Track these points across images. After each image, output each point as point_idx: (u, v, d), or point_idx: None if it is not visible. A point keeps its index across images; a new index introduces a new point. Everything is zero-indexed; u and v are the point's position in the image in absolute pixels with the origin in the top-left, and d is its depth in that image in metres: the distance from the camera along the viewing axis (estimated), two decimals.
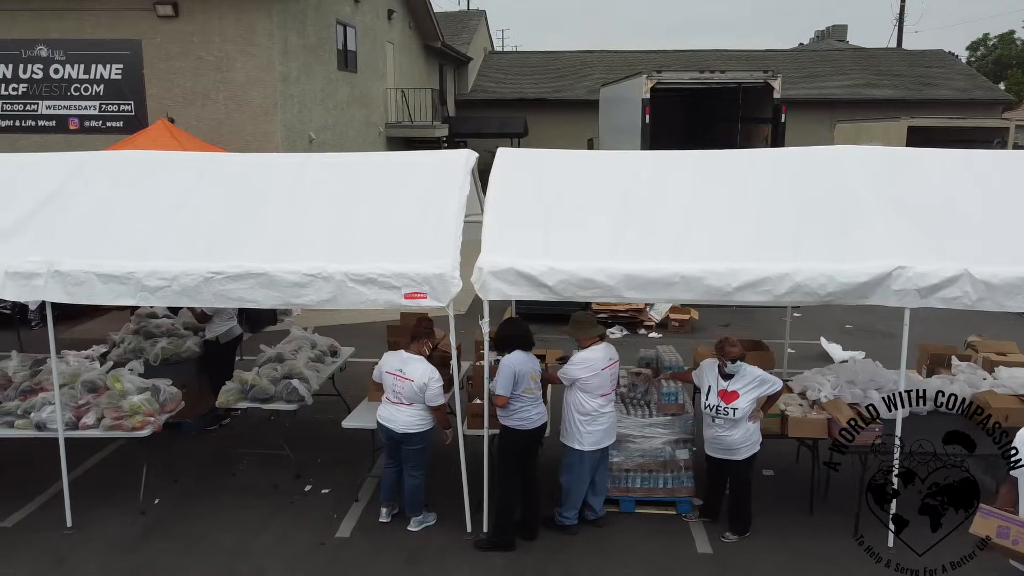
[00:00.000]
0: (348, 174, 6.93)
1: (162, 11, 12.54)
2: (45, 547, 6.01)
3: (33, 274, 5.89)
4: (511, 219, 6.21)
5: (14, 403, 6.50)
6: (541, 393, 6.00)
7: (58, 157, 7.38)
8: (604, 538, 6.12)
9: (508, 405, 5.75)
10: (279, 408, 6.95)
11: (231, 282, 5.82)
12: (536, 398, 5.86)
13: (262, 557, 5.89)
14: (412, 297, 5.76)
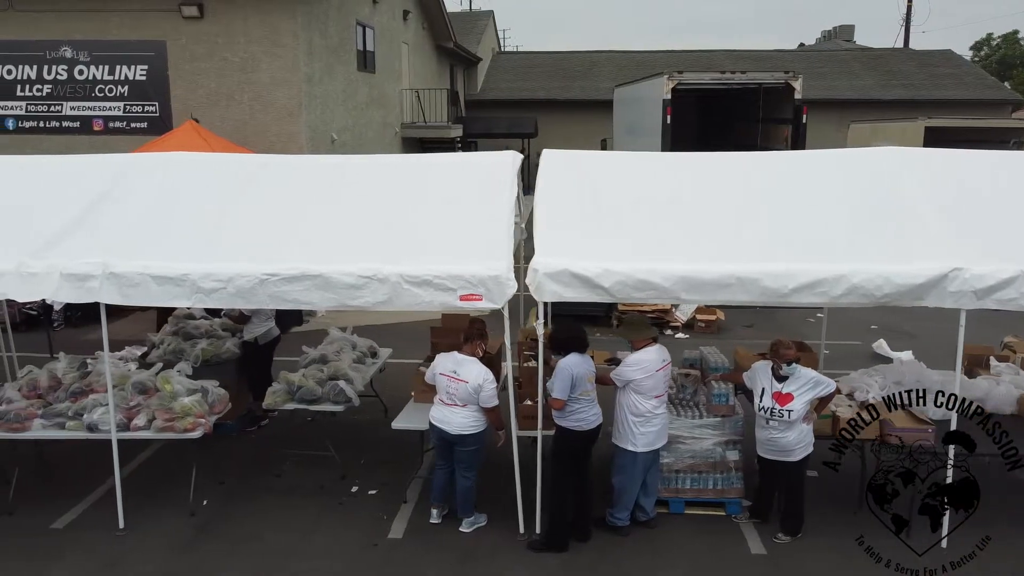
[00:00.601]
0: (394, 175, 6.95)
1: (187, 12, 12.55)
2: (98, 548, 6.03)
3: (88, 276, 5.90)
4: (560, 220, 6.23)
5: (64, 405, 6.50)
6: (595, 394, 6.01)
7: (103, 159, 7.40)
8: (656, 539, 6.13)
9: (565, 407, 5.75)
10: (326, 409, 6.96)
11: (286, 284, 5.83)
12: (592, 400, 5.87)
13: (316, 558, 5.90)
14: (467, 299, 5.77)
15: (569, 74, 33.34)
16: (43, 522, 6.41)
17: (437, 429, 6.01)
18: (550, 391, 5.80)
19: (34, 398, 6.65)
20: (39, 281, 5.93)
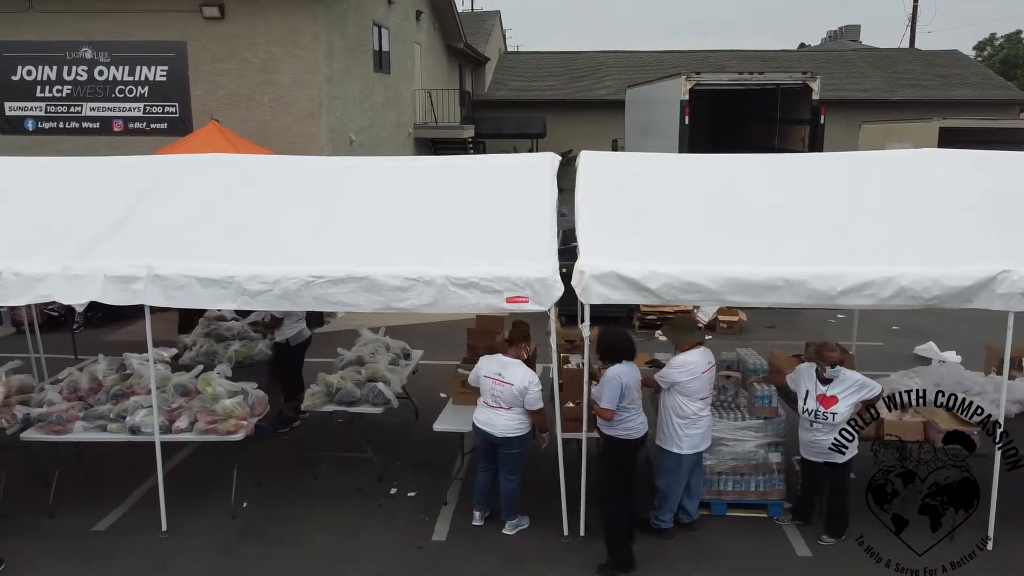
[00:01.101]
0: (432, 177, 6.95)
1: (208, 13, 12.54)
2: (143, 550, 6.02)
3: (133, 278, 5.89)
4: (602, 222, 6.23)
5: (105, 407, 6.49)
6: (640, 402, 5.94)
7: (140, 160, 7.40)
8: (700, 541, 6.13)
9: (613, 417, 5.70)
10: (365, 412, 6.96)
11: (332, 286, 5.82)
12: (639, 408, 5.81)
13: (362, 560, 5.90)
14: (514, 301, 5.76)
15: (576, 74, 33.33)
16: (85, 524, 6.41)
17: (481, 432, 6.01)
18: (596, 400, 5.74)
19: (75, 400, 6.64)
20: (83, 283, 5.92)
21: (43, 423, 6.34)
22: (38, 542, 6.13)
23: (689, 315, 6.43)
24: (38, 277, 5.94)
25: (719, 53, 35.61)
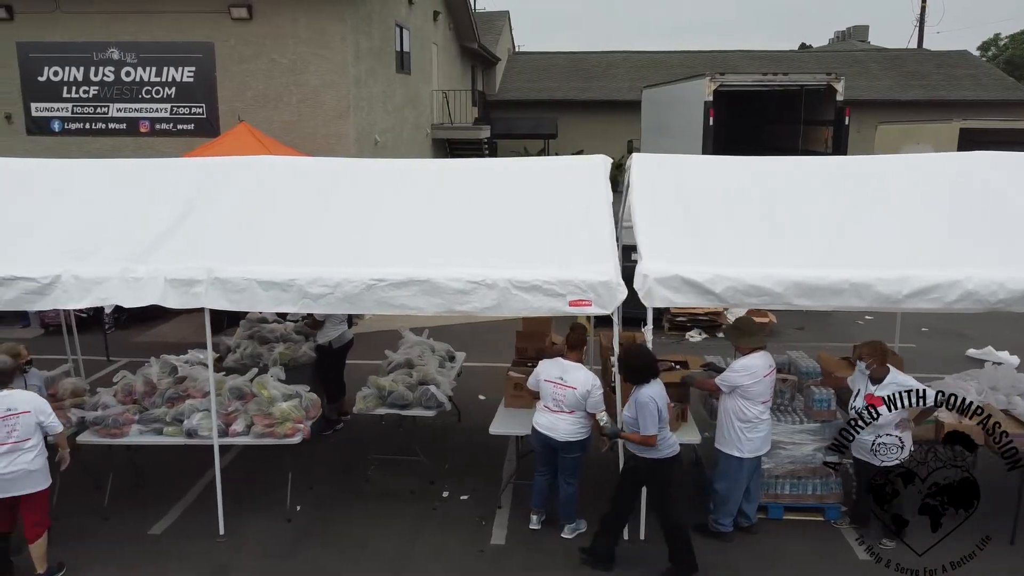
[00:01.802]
0: (484, 180, 6.94)
1: (237, 13, 12.52)
2: (203, 554, 6.01)
3: (193, 281, 5.87)
4: (660, 225, 6.21)
5: (161, 410, 6.48)
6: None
7: (189, 163, 7.39)
8: (760, 544, 6.12)
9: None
10: (417, 415, 6.94)
11: (394, 289, 5.81)
12: (667, 423, 5.60)
13: (425, 564, 5.89)
14: (577, 304, 5.75)
15: (586, 74, 33.30)
16: (140, 527, 6.39)
17: (542, 436, 5.99)
18: (631, 426, 5.48)
19: (129, 403, 6.62)
20: (143, 287, 5.90)
21: (99, 426, 6.32)
22: (95, 546, 6.11)
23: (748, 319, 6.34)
24: (97, 280, 5.92)
25: (728, 54, 35.61)
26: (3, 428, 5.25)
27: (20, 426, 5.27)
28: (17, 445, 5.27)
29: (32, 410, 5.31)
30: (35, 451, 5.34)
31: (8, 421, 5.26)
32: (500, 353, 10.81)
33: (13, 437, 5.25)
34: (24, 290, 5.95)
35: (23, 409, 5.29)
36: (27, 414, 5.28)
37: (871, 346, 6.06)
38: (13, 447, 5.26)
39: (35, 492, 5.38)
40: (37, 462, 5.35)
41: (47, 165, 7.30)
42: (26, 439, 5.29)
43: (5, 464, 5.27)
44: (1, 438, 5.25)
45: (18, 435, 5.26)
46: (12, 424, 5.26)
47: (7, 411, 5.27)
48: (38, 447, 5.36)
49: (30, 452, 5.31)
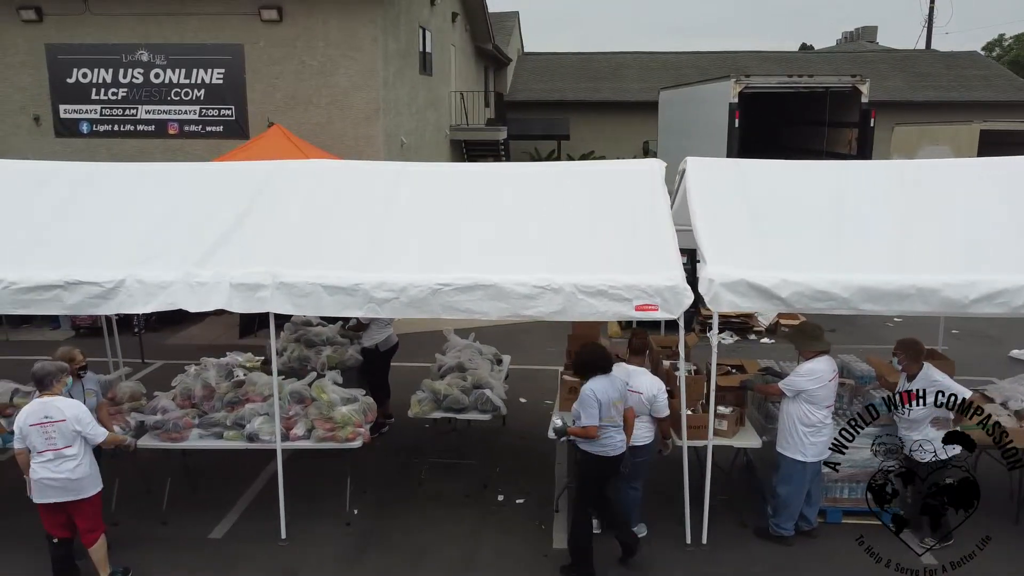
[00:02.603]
0: (540, 184, 6.93)
1: (267, 16, 12.52)
2: (268, 558, 6.01)
3: (258, 286, 5.88)
4: (722, 229, 6.22)
5: (220, 414, 6.47)
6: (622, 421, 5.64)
7: (241, 167, 7.39)
8: (822, 548, 6.13)
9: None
10: (472, 418, 6.96)
11: (459, 294, 5.81)
12: (618, 427, 5.58)
13: (492, 568, 5.90)
14: (643, 309, 5.76)
15: (596, 75, 33.30)
16: (200, 532, 6.39)
17: None
18: (575, 419, 5.61)
19: (188, 407, 6.62)
20: (208, 291, 5.91)
21: (159, 430, 6.32)
22: (157, 550, 6.11)
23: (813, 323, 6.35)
24: (162, 285, 5.92)
25: (737, 54, 35.69)
26: (41, 435, 5.23)
27: (58, 434, 5.22)
28: (59, 452, 5.23)
29: (69, 419, 5.23)
30: (76, 460, 5.27)
31: (46, 429, 5.22)
32: (534, 355, 10.85)
33: (53, 444, 5.22)
34: (88, 294, 5.96)
35: (59, 417, 5.23)
36: (63, 423, 5.22)
37: (904, 343, 6.13)
38: (56, 454, 5.23)
39: (81, 499, 5.34)
40: (79, 471, 5.28)
41: (103, 169, 7.30)
42: (66, 447, 5.25)
43: (50, 471, 5.25)
44: (42, 445, 5.24)
45: (57, 443, 5.22)
46: (50, 432, 5.22)
47: (44, 418, 5.23)
48: (80, 456, 5.29)
49: (72, 460, 5.26)
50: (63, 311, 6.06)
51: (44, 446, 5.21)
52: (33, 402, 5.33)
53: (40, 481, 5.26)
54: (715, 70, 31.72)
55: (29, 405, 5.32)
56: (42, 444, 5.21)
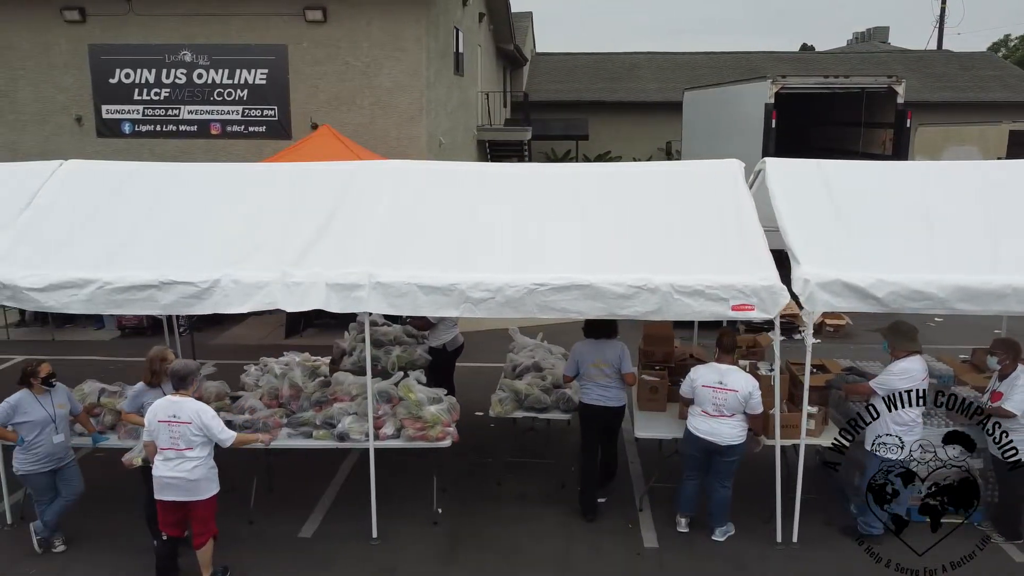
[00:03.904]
0: (620, 184, 6.95)
1: (311, 16, 12.54)
2: (363, 558, 6.03)
3: (355, 285, 5.90)
4: (811, 229, 6.24)
5: (309, 414, 6.50)
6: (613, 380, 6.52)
7: (321, 167, 7.41)
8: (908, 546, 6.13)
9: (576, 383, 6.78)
10: (553, 417, 6.98)
11: (555, 293, 5.84)
12: (599, 384, 6.49)
13: (587, 567, 5.93)
14: (740, 309, 5.79)
15: (611, 76, 33.30)
16: (288, 531, 6.42)
17: (702, 441, 6.01)
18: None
19: (275, 407, 6.64)
20: (305, 291, 5.93)
21: (249, 429, 6.33)
22: (249, 550, 6.13)
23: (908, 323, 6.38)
24: (258, 285, 5.94)
25: (751, 55, 35.75)
26: (167, 433, 5.29)
27: (181, 435, 5.27)
28: (180, 453, 5.28)
29: (193, 422, 5.28)
30: (196, 461, 5.31)
31: (172, 428, 5.28)
32: None
33: (176, 444, 5.27)
34: (183, 294, 5.98)
35: (185, 419, 5.28)
36: (188, 424, 5.27)
37: (1005, 343, 6.17)
38: (178, 454, 5.28)
39: (195, 501, 5.38)
40: (197, 472, 5.31)
41: (183, 169, 7.32)
42: (188, 448, 5.29)
43: (169, 469, 5.30)
44: (165, 443, 5.29)
45: (180, 443, 5.27)
46: (174, 432, 5.28)
47: (171, 417, 5.29)
48: (200, 458, 5.32)
49: (191, 462, 5.30)
50: (157, 311, 6.09)
51: (167, 444, 5.25)
52: (165, 398, 5.38)
53: (160, 478, 5.30)
54: (731, 71, 31.82)
55: (160, 401, 5.36)
56: (166, 442, 5.25)
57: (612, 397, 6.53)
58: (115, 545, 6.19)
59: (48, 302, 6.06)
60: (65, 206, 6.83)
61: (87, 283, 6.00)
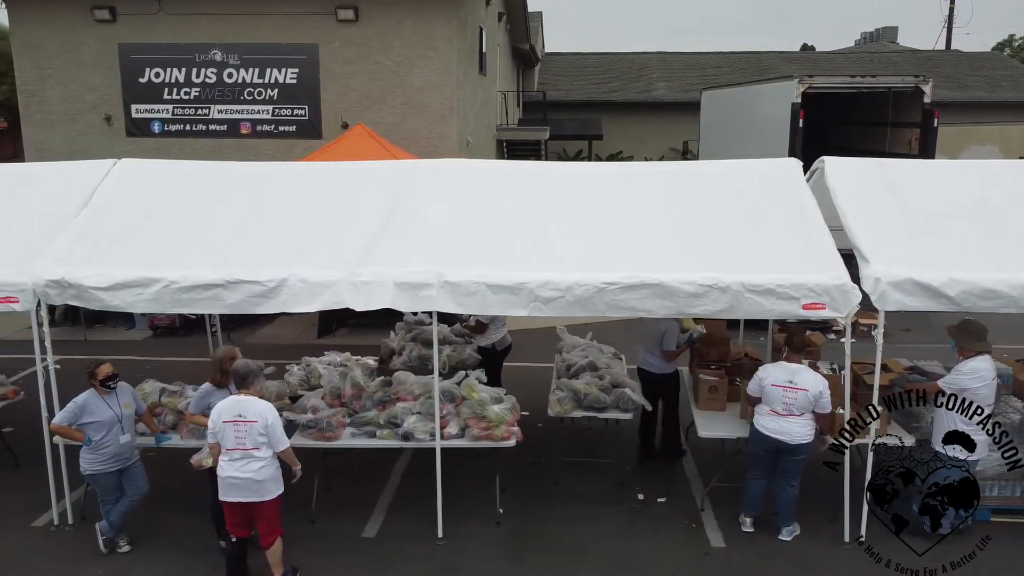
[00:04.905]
0: (678, 183, 6.95)
1: (343, 15, 12.52)
2: (429, 558, 6.01)
3: (423, 284, 5.88)
4: (877, 228, 6.23)
5: (372, 413, 6.47)
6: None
7: (376, 166, 7.40)
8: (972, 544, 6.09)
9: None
10: (613, 417, 6.97)
11: (625, 292, 5.82)
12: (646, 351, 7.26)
13: (654, 566, 5.91)
14: (811, 308, 5.79)
15: (621, 75, 33.28)
16: (351, 531, 6.40)
17: (771, 440, 5.99)
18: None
19: (338, 406, 6.62)
20: (372, 290, 5.91)
21: (312, 429, 6.32)
22: (314, 549, 6.11)
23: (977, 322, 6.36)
24: (325, 284, 5.93)
25: (760, 55, 35.78)
26: (233, 433, 5.26)
27: (247, 434, 5.24)
28: (247, 452, 5.25)
29: (259, 421, 5.25)
30: (263, 461, 5.27)
31: (238, 427, 5.25)
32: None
33: (243, 444, 5.24)
34: (249, 293, 5.97)
35: (252, 418, 5.24)
36: (254, 423, 5.24)
37: None
38: (244, 454, 5.25)
39: (261, 501, 5.35)
40: (263, 473, 5.28)
41: (235, 169, 7.31)
42: (254, 448, 5.26)
43: (235, 469, 5.27)
44: (231, 443, 5.26)
45: (246, 443, 5.24)
46: (241, 431, 5.25)
47: (237, 416, 5.26)
48: (266, 458, 5.30)
49: (258, 462, 5.27)
50: (222, 310, 6.08)
51: (233, 444, 5.22)
52: (229, 398, 5.34)
53: (226, 479, 5.27)
54: (741, 71, 31.82)
55: (224, 401, 5.33)
56: (232, 442, 5.22)
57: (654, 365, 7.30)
58: (177, 545, 6.16)
59: (113, 301, 6.05)
60: (122, 205, 6.82)
61: (152, 282, 5.99)
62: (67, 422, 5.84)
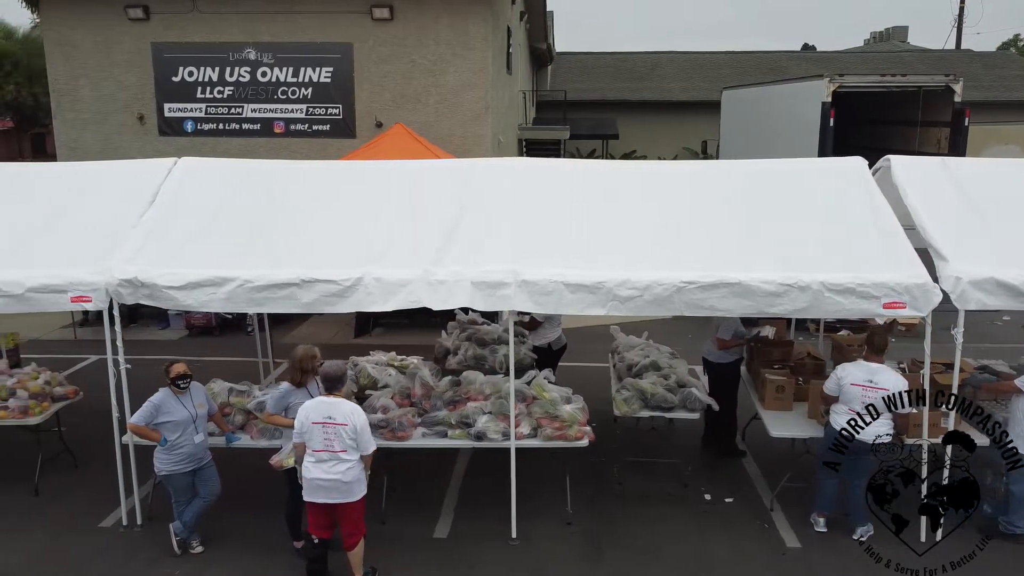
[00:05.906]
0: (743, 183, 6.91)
1: (378, 14, 12.48)
2: (507, 559, 5.99)
3: (500, 284, 5.86)
4: (951, 227, 6.21)
5: (443, 413, 6.44)
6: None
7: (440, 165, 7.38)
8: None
9: None
10: (680, 416, 6.93)
11: (703, 291, 5.80)
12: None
13: (732, 567, 5.88)
14: (891, 307, 5.78)
15: (633, 75, 33.25)
16: (422, 532, 6.37)
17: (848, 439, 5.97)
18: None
19: (407, 406, 6.59)
20: (449, 289, 5.89)
21: (384, 429, 6.27)
22: (387, 550, 6.05)
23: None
24: (401, 283, 5.91)
25: (772, 54, 35.76)
26: (321, 435, 5.22)
27: (335, 437, 5.21)
28: (335, 455, 5.22)
29: (348, 424, 5.21)
30: (350, 463, 5.24)
31: (327, 429, 5.22)
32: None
33: (330, 446, 5.20)
34: (324, 292, 5.95)
35: (341, 421, 5.20)
36: (344, 427, 5.20)
37: None
38: (332, 456, 5.22)
39: (347, 503, 5.31)
40: (351, 474, 5.25)
41: (298, 167, 7.28)
42: (342, 450, 5.22)
43: (323, 471, 5.23)
44: (319, 445, 5.22)
45: (334, 445, 5.20)
46: (330, 433, 5.21)
47: (326, 419, 5.22)
48: (353, 460, 5.26)
49: (345, 463, 5.23)
50: (297, 309, 6.04)
51: (321, 446, 5.18)
52: (318, 399, 5.31)
53: (312, 480, 5.24)
54: (754, 71, 31.81)
55: (312, 402, 5.30)
56: (319, 444, 5.18)
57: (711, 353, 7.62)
58: (251, 546, 6.13)
59: (187, 300, 6.02)
60: (187, 204, 6.79)
61: (226, 281, 5.96)
62: (143, 422, 5.81)
